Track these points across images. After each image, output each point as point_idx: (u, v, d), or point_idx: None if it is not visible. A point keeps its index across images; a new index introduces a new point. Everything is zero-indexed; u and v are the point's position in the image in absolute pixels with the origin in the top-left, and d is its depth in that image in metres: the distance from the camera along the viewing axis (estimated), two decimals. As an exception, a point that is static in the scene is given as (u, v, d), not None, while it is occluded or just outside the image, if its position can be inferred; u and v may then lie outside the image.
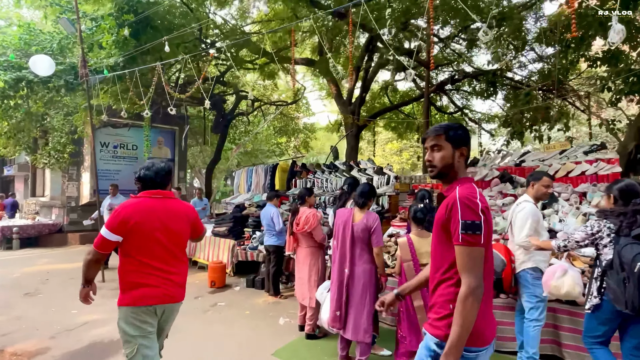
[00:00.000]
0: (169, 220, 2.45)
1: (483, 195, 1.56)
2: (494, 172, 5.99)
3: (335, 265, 3.41)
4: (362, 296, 3.26)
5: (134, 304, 2.40)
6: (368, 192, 3.44)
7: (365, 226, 3.30)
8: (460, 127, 1.68)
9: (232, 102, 15.86)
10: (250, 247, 6.47)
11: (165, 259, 2.44)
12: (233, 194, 10.41)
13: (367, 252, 3.35)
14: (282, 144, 18.53)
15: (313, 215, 4.18)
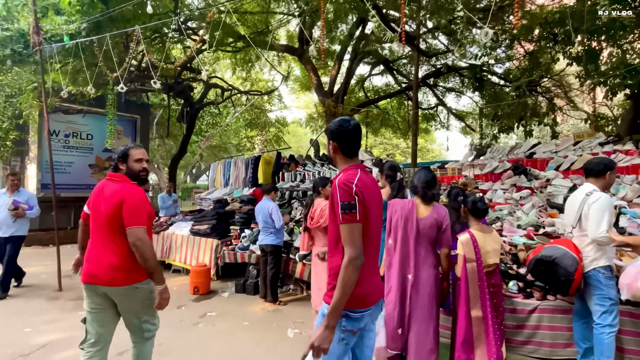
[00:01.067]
0: (103, 201, 2.44)
1: (363, 180, 1.77)
2: (505, 164, 5.65)
3: (394, 270, 2.78)
4: (429, 308, 2.67)
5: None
6: (432, 181, 2.88)
7: (434, 222, 2.72)
8: (333, 123, 1.92)
9: (199, 92, 14.74)
10: (240, 247, 5.69)
11: (95, 238, 2.47)
12: (208, 189, 9.48)
13: (432, 253, 2.77)
14: (252, 138, 17.58)
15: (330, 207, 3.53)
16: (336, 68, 11.24)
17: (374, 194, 1.83)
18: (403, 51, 10.35)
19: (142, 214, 2.41)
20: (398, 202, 2.93)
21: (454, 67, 11.03)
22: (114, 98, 7.48)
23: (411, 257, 2.77)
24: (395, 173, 3.32)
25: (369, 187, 1.79)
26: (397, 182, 3.30)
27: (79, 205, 11.52)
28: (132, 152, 2.57)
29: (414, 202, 2.87)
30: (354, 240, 1.69)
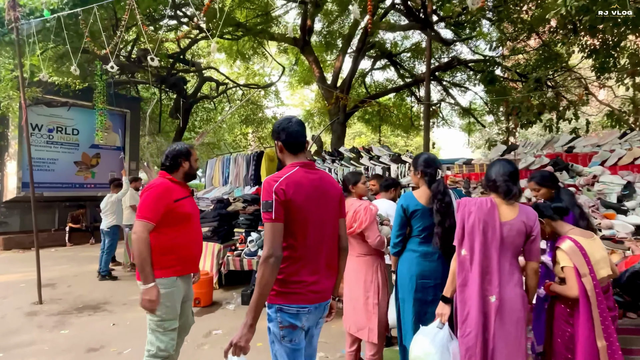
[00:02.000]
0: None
1: (292, 178, 1.77)
2: (542, 159, 5.10)
3: (472, 290, 2.15)
4: (517, 340, 2.06)
5: None
6: (515, 173, 2.26)
7: (523, 227, 2.10)
8: (275, 124, 1.96)
9: (192, 85, 14.00)
10: (247, 253, 5.03)
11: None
12: (205, 187, 8.78)
13: (517, 267, 2.16)
14: (247, 135, 16.85)
15: (365, 209, 2.90)
16: (340, 60, 10.62)
17: (309, 190, 1.81)
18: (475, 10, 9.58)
19: (149, 207, 2.34)
20: (471, 201, 2.30)
21: (464, 60, 10.49)
22: (103, 85, 6.75)
23: (494, 273, 2.14)
24: (435, 170, 2.61)
25: (301, 184, 1.79)
26: (438, 182, 2.59)
27: (64, 206, 10.74)
28: (194, 151, 2.63)
29: (493, 201, 2.25)
30: (269, 240, 1.71)
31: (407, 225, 2.66)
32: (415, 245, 2.62)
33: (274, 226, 1.72)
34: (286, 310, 1.76)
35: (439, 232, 2.52)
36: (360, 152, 6.44)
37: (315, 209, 1.83)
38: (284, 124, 1.90)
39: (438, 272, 2.55)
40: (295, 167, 1.84)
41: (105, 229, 6.40)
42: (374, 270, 2.96)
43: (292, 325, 1.77)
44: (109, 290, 5.73)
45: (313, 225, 1.83)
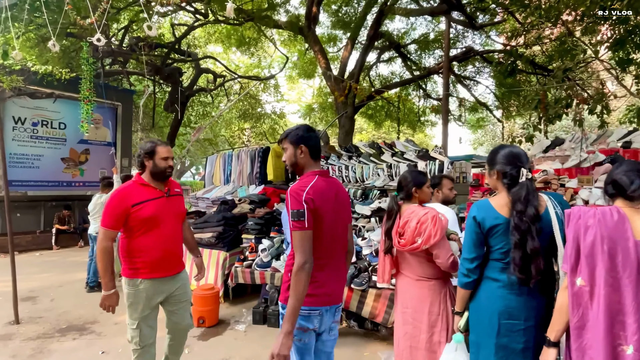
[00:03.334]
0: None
1: (316, 187, 1.85)
2: (597, 155, 4.47)
3: (595, 334, 1.48)
4: None
5: None
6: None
7: None
8: (298, 128, 2.01)
9: (188, 78, 13.22)
10: (259, 265, 4.34)
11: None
12: (204, 185, 8.06)
13: None
14: (245, 130, 16.09)
15: (434, 219, 2.22)
16: (349, 49, 9.92)
17: (329, 198, 1.91)
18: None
19: (108, 214, 2.39)
20: (588, 211, 1.64)
21: (483, 51, 9.85)
22: (90, 70, 5.98)
23: (629, 313, 1.51)
24: (517, 169, 1.88)
25: (323, 192, 1.88)
26: (520, 187, 1.84)
27: (50, 206, 9.93)
28: (159, 149, 2.51)
29: (621, 211, 1.59)
30: (303, 247, 1.76)
31: (484, 245, 1.97)
32: (496, 273, 1.92)
33: (307, 234, 1.78)
34: (301, 312, 1.81)
35: (517, 258, 1.79)
36: (382, 147, 5.76)
37: (333, 216, 1.92)
38: (309, 130, 2.00)
39: (531, 310, 1.85)
40: (315, 176, 1.92)
41: (94, 233, 5.66)
42: (441, 298, 2.29)
43: (302, 327, 1.86)
44: (98, 304, 5.00)
45: (330, 231, 1.92)
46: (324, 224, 1.87)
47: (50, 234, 9.35)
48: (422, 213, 2.26)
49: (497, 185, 1.99)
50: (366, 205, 5.11)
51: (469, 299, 2.04)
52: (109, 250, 2.37)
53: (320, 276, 1.89)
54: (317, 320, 1.89)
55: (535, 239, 1.76)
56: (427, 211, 2.27)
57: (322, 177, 1.95)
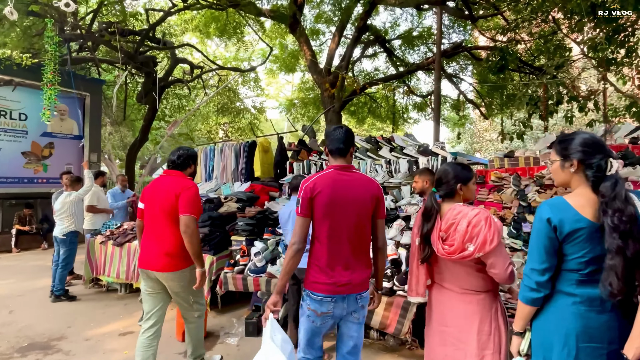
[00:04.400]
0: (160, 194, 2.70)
1: (323, 179, 2.03)
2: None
3: None
4: None
5: None
6: None
7: None
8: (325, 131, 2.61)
9: (163, 68, 12.47)
10: (252, 270, 3.90)
11: (150, 228, 2.75)
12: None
13: None
14: (223, 125, 15.41)
15: (487, 221, 1.85)
16: (336, 41, 9.53)
17: (336, 189, 2.01)
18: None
19: (195, 205, 2.67)
20: None
21: (472, 47, 9.69)
22: (55, 48, 5.28)
23: None
24: (606, 158, 1.56)
25: (329, 184, 2.01)
26: (615, 181, 1.53)
27: (10, 204, 9.04)
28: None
29: None
30: (295, 230, 2.02)
31: (557, 253, 1.64)
32: (571, 286, 1.59)
33: (299, 219, 2.02)
34: (313, 296, 2.03)
35: (618, 266, 1.47)
36: (379, 142, 5.42)
37: (341, 208, 2.01)
38: (330, 131, 2.18)
39: (614, 330, 1.54)
40: (330, 169, 2.08)
41: (60, 236, 5.04)
42: (492, 315, 1.94)
43: (316, 310, 2.03)
44: (65, 316, 4.43)
45: (338, 223, 2.01)
46: (331, 216, 2.01)
47: (10, 235, 8.51)
48: (472, 214, 1.90)
49: (573, 179, 1.66)
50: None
51: (532, 317, 1.71)
52: (198, 234, 2.69)
53: (331, 266, 2.03)
54: (331, 306, 2.03)
55: (637, 242, 1.45)
56: (478, 211, 1.91)
57: (337, 170, 2.08)
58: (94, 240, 5.32)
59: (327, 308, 2.03)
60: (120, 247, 5.06)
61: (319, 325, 2.06)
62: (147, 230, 2.76)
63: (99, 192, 5.75)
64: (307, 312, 2.05)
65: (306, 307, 2.06)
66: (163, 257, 2.66)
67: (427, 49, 13.26)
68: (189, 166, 2.87)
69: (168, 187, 2.68)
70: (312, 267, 2.07)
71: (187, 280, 2.74)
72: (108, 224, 5.52)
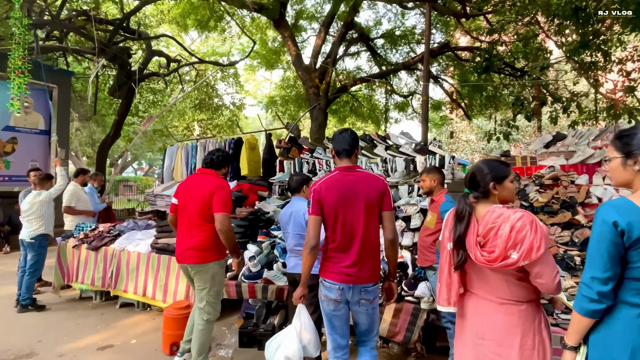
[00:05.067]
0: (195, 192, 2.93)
1: (329, 181, 2.25)
2: (604, 151, 4.28)
3: None
4: None
5: None
6: None
7: None
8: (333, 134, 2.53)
9: (136, 61, 11.86)
10: (247, 276, 3.61)
11: (182, 224, 2.99)
12: (161, 181, 7.04)
13: None
14: (202, 122, 14.86)
15: (533, 225, 1.67)
16: (322, 37, 9.31)
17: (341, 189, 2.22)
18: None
19: (229, 203, 2.90)
20: None
21: (458, 47, 9.69)
22: (24, 32, 4.75)
23: None
24: None
25: (334, 185, 2.23)
26: None
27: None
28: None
29: None
30: (308, 229, 2.25)
31: (620, 259, 1.48)
32: (637, 297, 1.44)
33: (311, 218, 2.23)
34: (324, 283, 2.28)
35: None
36: (374, 140, 5.23)
37: (348, 205, 2.21)
38: (336, 134, 2.38)
39: None
40: (335, 171, 2.30)
41: (28, 239, 4.56)
42: (536, 327, 1.76)
43: (325, 296, 2.27)
44: (34, 329, 3.99)
45: (345, 219, 2.21)
46: (337, 213, 2.21)
47: (-33, 238, 7.80)
48: (515, 217, 1.71)
49: (637, 178, 1.51)
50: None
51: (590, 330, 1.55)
52: (232, 229, 2.93)
53: (340, 257, 2.23)
54: (338, 294, 2.22)
55: None
56: (522, 214, 1.72)
57: (342, 171, 2.28)
58: (66, 244, 4.87)
59: (335, 295, 2.23)
60: (96, 252, 4.65)
61: (333, 310, 2.27)
62: (180, 225, 2.98)
63: (79, 192, 5.32)
64: (322, 297, 2.31)
65: (321, 293, 2.31)
66: (193, 250, 2.88)
67: (410, 49, 13.28)
68: (225, 167, 3.11)
69: (203, 185, 2.89)
70: (325, 258, 2.29)
71: (211, 273, 2.92)
72: (82, 225, 5.08)
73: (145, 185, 21.83)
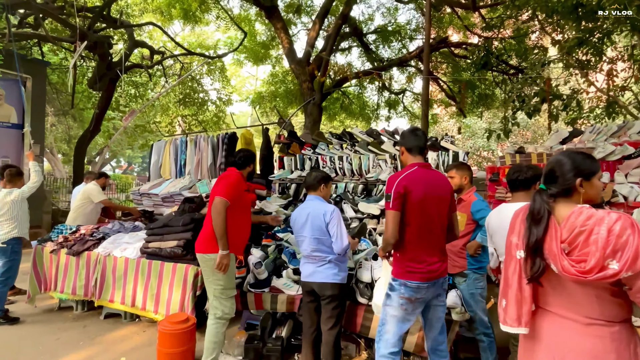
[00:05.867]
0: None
1: (412, 176, 2.22)
2: (626, 148, 4.08)
3: None
4: None
5: None
6: None
7: None
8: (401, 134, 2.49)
9: (117, 52, 11.23)
10: (253, 284, 3.23)
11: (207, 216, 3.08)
12: (148, 178, 6.55)
13: None
14: (186, 117, 14.24)
15: (635, 228, 1.36)
16: (316, 29, 8.94)
17: (427, 186, 2.22)
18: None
19: (228, 189, 2.91)
20: None
21: (457, 43, 9.48)
22: None
23: None
24: None
25: (418, 181, 2.21)
26: None
27: None
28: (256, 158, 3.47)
29: None
30: (386, 224, 2.19)
31: None
32: None
33: (391, 214, 2.18)
34: (409, 285, 2.22)
35: None
36: (381, 134, 4.92)
37: (432, 202, 2.23)
38: (410, 130, 2.43)
39: None
40: (415, 167, 2.28)
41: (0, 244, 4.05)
42: (631, 352, 1.47)
43: (411, 297, 2.23)
44: (7, 345, 3.52)
45: (428, 217, 2.22)
46: (420, 209, 2.19)
47: None
48: (611, 219, 1.41)
49: None
50: (372, 202, 4.24)
51: None
52: (225, 216, 2.84)
53: (423, 255, 2.23)
54: (424, 292, 2.24)
55: None
56: (618, 216, 1.42)
57: (421, 168, 2.29)
58: (43, 248, 4.36)
59: (422, 294, 2.24)
60: (77, 257, 4.17)
61: (410, 312, 2.26)
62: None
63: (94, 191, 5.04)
64: (399, 301, 2.24)
65: (398, 296, 2.24)
66: (201, 240, 3.00)
67: (402, 45, 13.06)
68: (248, 165, 3.19)
69: (219, 178, 3.09)
70: (405, 258, 2.24)
71: (211, 266, 2.89)
72: (61, 228, 4.58)
73: (125, 183, 21.00)
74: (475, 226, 2.89)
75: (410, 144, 2.35)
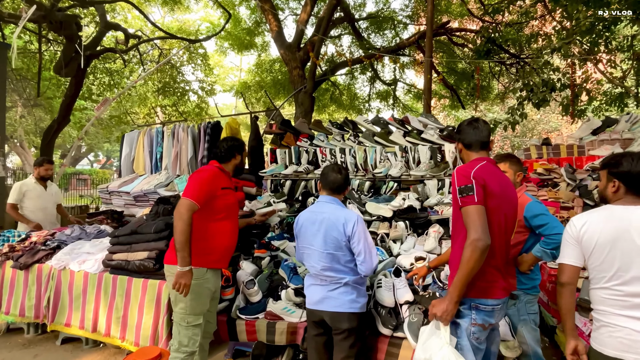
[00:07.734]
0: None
1: (486, 169, 1.78)
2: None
3: None
4: None
5: None
6: None
7: None
8: (455, 129, 2.10)
9: (88, 36, 10.26)
10: (243, 310, 2.55)
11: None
12: (119, 174, 5.75)
13: None
14: (166, 108, 13.31)
15: None
16: (308, 11, 8.20)
17: (502, 183, 1.81)
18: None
19: (196, 186, 2.34)
20: None
21: (458, 28, 8.91)
22: None
23: None
24: None
25: (493, 175, 1.79)
26: None
27: None
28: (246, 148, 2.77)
29: None
30: (474, 222, 1.65)
31: None
32: None
33: (478, 209, 1.67)
34: (481, 307, 1.73)
35: None
36: (390, 123, 4.29)
37: (507, 202, 1.82)
38: (471, 122, 1.96)
39: None
40: (484, 161, 1.83)
41: None
42: None
43: (485, 323, 1.74)
44: None
45: (507, 217, 1.80)
46: (498, 208, 1.76)
47: None
48: None
49: None
50: (382, 202, 3.61)
51: None
52: (190, 222, 2.25)
53: (503, 265, 1.80)
54: (497, 314, 1.80)
55: None
56: None
57: (490, 163, 1.88)
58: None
59: (496, 318, 1.80)
60: (26, 271, 3.42)
61: (483, 341, 1.78)
62: None
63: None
64: (470, 329, 1.74)
65: (469, 324, 1.75)
66: (170, 247, 2.45)
67: (396, 34, 12.48)
68: (234, 157, 2.64)
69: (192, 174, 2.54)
70: (484, 271, 1.71)
71: (168, 281, 2.44)
72: (7, 234, 3.80)
73: (102, 178, 19.92)
74: (528, 235, 2.29)
75: (470, 139, 1.92)
